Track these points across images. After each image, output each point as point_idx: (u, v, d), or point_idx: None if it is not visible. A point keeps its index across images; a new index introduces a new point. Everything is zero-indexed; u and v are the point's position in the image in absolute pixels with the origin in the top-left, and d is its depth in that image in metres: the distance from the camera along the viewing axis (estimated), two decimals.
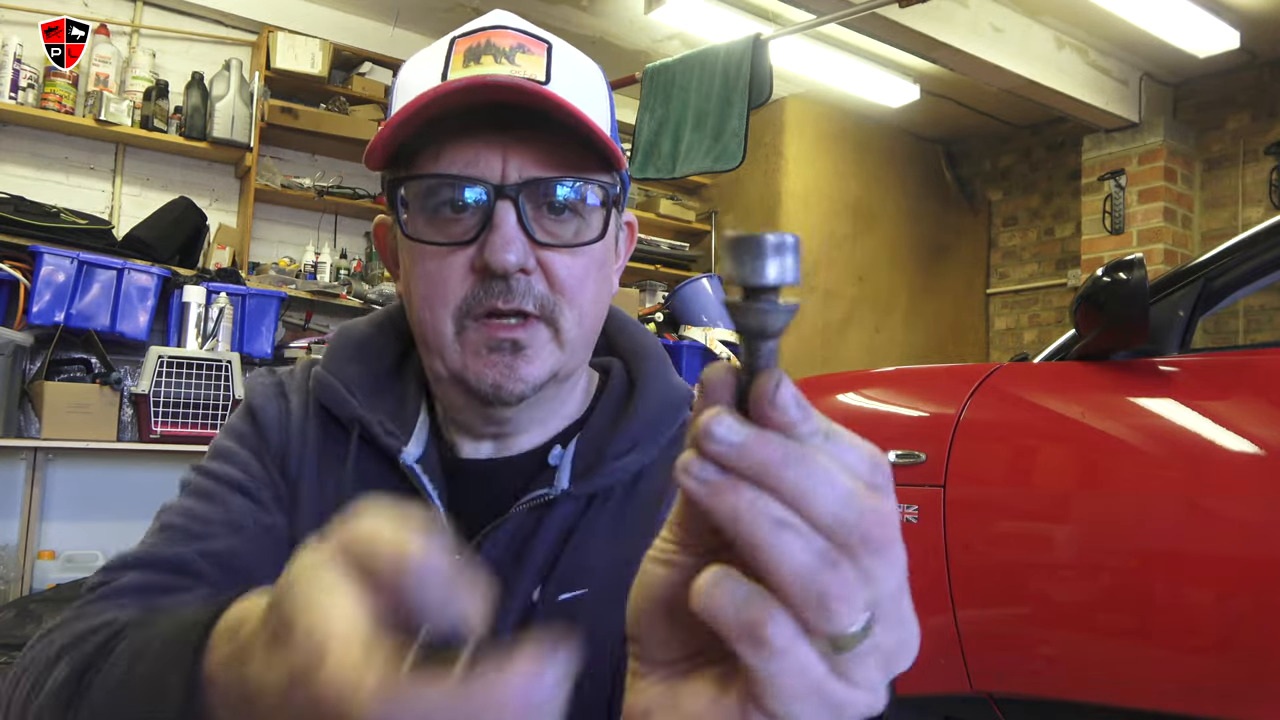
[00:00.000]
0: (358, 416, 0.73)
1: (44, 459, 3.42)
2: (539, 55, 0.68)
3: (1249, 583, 1.63)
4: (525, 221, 0.65)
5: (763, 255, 0.30)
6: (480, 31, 0.69)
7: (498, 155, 0.65)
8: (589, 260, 0.68)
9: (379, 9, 4.61)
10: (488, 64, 0.66)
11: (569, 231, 0.67)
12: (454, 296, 0.66)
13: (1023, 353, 2.82)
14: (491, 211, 0.65)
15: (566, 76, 0.68)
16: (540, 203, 0.66)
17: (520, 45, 0.68)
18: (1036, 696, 1.87)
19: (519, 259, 0.64)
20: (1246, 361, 1.87)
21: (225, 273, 3.87)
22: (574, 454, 0.72)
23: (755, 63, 3.55)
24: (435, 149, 0.66)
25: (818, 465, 0.31)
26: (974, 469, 2.00)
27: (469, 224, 0.66)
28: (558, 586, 0.68)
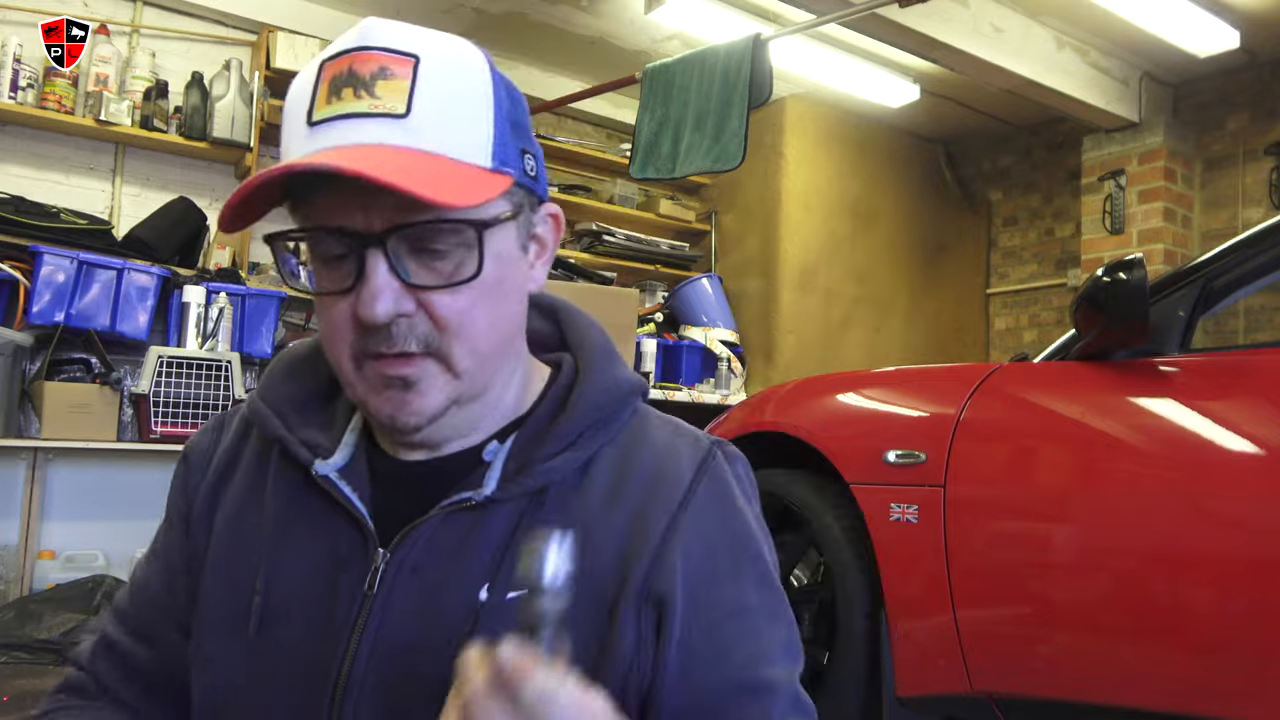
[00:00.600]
0: (276, 435, 0.76)
1: (44, 459, 3.42)
2: (402, 79, 0.64)
3: (1249, 583, 1.63)
4: (398, 267, 0.64)
5: (540, 562, 0.41)
6: (345, 55, 0.66)
7: (360, 205, 0.63)
8: (474, 292, 0.66)
9: (379, 9, 4.61)
10: (348, 99, 0.64)
11: (449, 266, 0.65)
12: (344, 341, 0.67)
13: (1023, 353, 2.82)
14: (363, 261, 0.64)
15: (431, 98, 0.64)
16: (413, 245, 0.65)
17: (383, 69, 0.64)
18: (1036, 696, 1.87)
19: (389, 310, 0.64)
20: (1246, 361, 1.87)
21: (225, 273, 3.87)
22: (508, 454, 0.72)
23: (755, 63, 3.55)
24: (308, 199, 0.66)
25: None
26: (974, 469, 2.00)
27: (346, 272, 0.65)
28: (505, 586, 0.67)
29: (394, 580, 0.69)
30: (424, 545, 0.70)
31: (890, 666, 2.07)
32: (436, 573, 0.69)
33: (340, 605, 0.69)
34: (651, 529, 0.69)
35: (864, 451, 2.20)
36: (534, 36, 4.76)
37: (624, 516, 0.70)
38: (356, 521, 0.71)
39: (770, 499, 2.45)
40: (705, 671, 0.68)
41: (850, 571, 2.19)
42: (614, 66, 4.93)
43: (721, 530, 0.72)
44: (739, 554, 0.72)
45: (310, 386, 0.80)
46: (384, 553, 0.70)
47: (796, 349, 5.19)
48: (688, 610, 0.68)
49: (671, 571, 0.68)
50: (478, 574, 0.68)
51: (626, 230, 5.35)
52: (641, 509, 0.70)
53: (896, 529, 2.08)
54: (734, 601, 0.70)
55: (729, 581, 0.70)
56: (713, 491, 0.73)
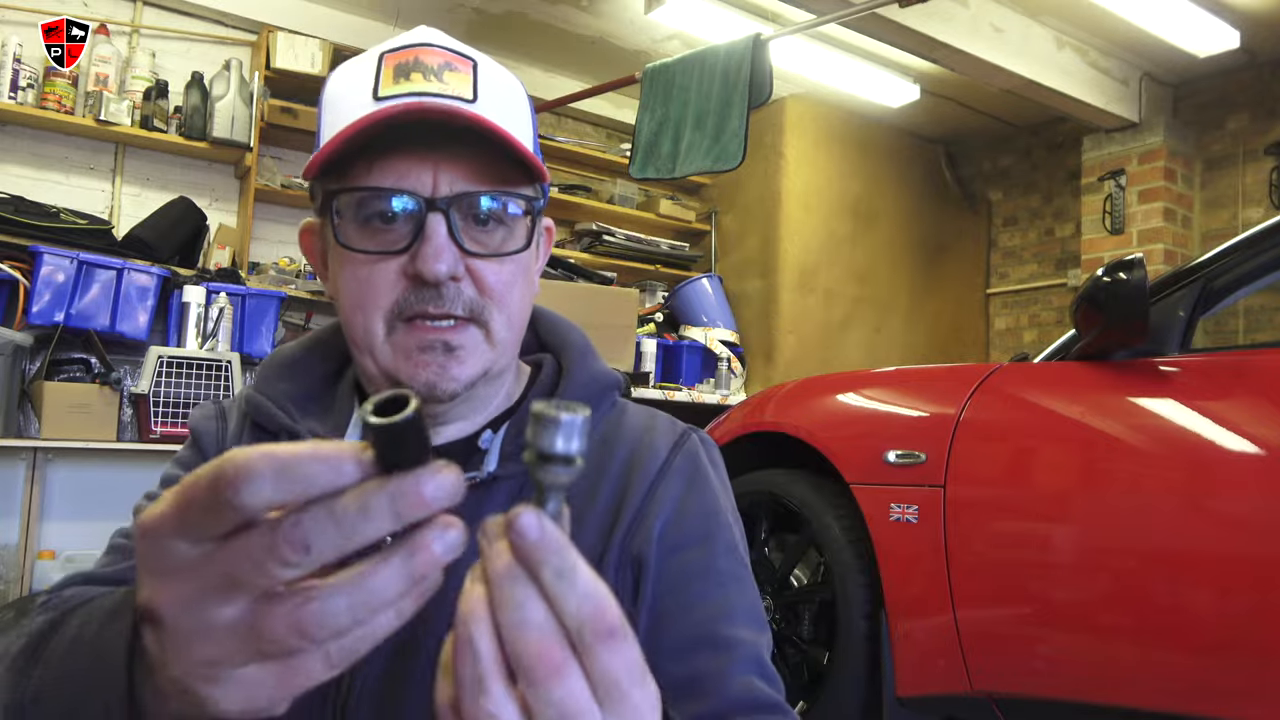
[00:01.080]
0: (285, 426, 0.78)
1: (44, 459, 3.42)
2: (465, 73, 0.72)
3: (1249, 583, 1.63)
4: (455, 232, 0.68)
5: (554, 431, 0.37)
6: (408, 49, 0.72)
7: (429, 170, 0.68)
8: (515, 267, 0.72)
9: (379, 9, 4.61)
10: (417, 81, 0.70)
11: (495, 240, 0.71)
12: (385, 301, 0.69)
13: (1023, 353, 2.82)
14: (423, 223, 0.68)
15: (492, 94, 0.72)
16: (469, 215, 0.70)
17: (448, 64, 0.71)
18: (1036, 696, 1.87)
19: (449, 268, 0.68)
20: (1246, 361, 1.87)
21: (225, 273, 3.87)
22: (504, 438, 0.76)
23: (755, 63, 3.55)
24: (366, 162, 0.68)
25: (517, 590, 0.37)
26: (974, 469, 2.00)
27: (401, 233, 0.69)
28: None
29: None
30: None
31: (890, 666, 2.07)
32: None
33: None
34: (632, 498, 0.75)
35: (864, 451, 2.20)
36: (534, 36, 4.76)
37: (608, 491, 0.76)
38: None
39: (770, 499, 2.45)
40: (670, 625, 0.71)
41: (850, 571, 2.19)
42: (614, 66, 4.93)
43: (692, 499, 0.77)
44: (708, 522, 0.77)
45: (305, 384, 0.82)
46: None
47: (796, 349, 5.18)
48: (658, 570, 0.72)
49: (647, 535, 0.73)
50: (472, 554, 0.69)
51: (626, 230, 5.35)
52: (624, 482, 0.76)
53: (896, 529, 2.08)
54: (700, 563, 0.74)
55: (697, 546, 0.75)
56: (686, 465, 0.79)
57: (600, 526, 0.74)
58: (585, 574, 0.37)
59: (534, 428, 0.38)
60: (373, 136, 0.67)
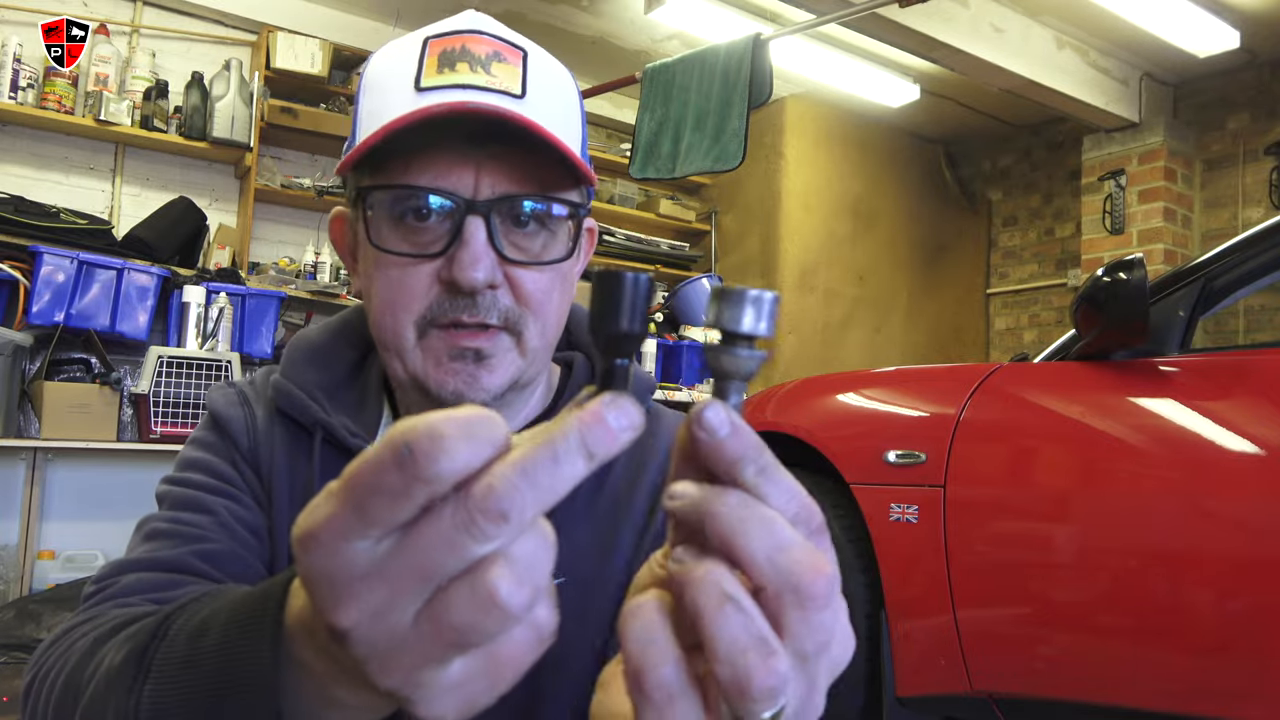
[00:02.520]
0: (320, 420, 0.74)
1: (44, 459, 3.42)
2: (515, 65, 0.67)
3: (1249, 583, 1.63)
4: (495, 237, 0.65)
5: (742, 306, 0.33)
6: (455, 35, 0.68)
7: (470, 170, 0.64)
8: (555, 275, 0.68)
9: (379, 9, 4.61)
10: (463, 72, 0.65)
11: (536, 246, 0.67)
12: (417, 305, 0.66)
13: (1023, 353, 2.82)
14: (461, 226, 0.64)
15: (541, 89, 0.68)
16: (509, 219, 0.66)
17: (496, 53, 0.67)
18: (1036, 696, 1.87)
19: (487, 276, 0.64)
20: (1246, 361, 1.87)
21: (225, 273, 3.87)
22: None
23: (755, 63, 3.55)
24: (404, 158, 0.65)
25: (751, 504, 0.32)
26: (974, 469, 2.00)
27: (437, 235, 0.65)
28: None
29: None
30: None
31: (890, 666, 2.07)
32: None
33: None
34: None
35: (864, 451, 2.20)
36: (534, 36, 4.68)
37: (642, 500, 0.74)
38: None
39: None
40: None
41: (850, 571, 2.19)
42: (614, 66, 4.93)
43: None
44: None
45: (335, 373, 0.78)
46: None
47: (796, 349, 5.18)
48: None
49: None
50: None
51: (626, 230, 5.35)
52: (658, 493, 0.73)
53: (896, 529, 2.08)
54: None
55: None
56: None
57: (635, 533, 0.72)
58: (781, 467, 0.33)
59: (717, 305, 0.34)
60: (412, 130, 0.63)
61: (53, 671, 0.56)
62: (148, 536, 0.70)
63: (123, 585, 0.65)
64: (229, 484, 0.73)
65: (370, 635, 0.31)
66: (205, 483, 0.73)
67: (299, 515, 0.32)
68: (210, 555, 0.68)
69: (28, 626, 2.94)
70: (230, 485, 0.73)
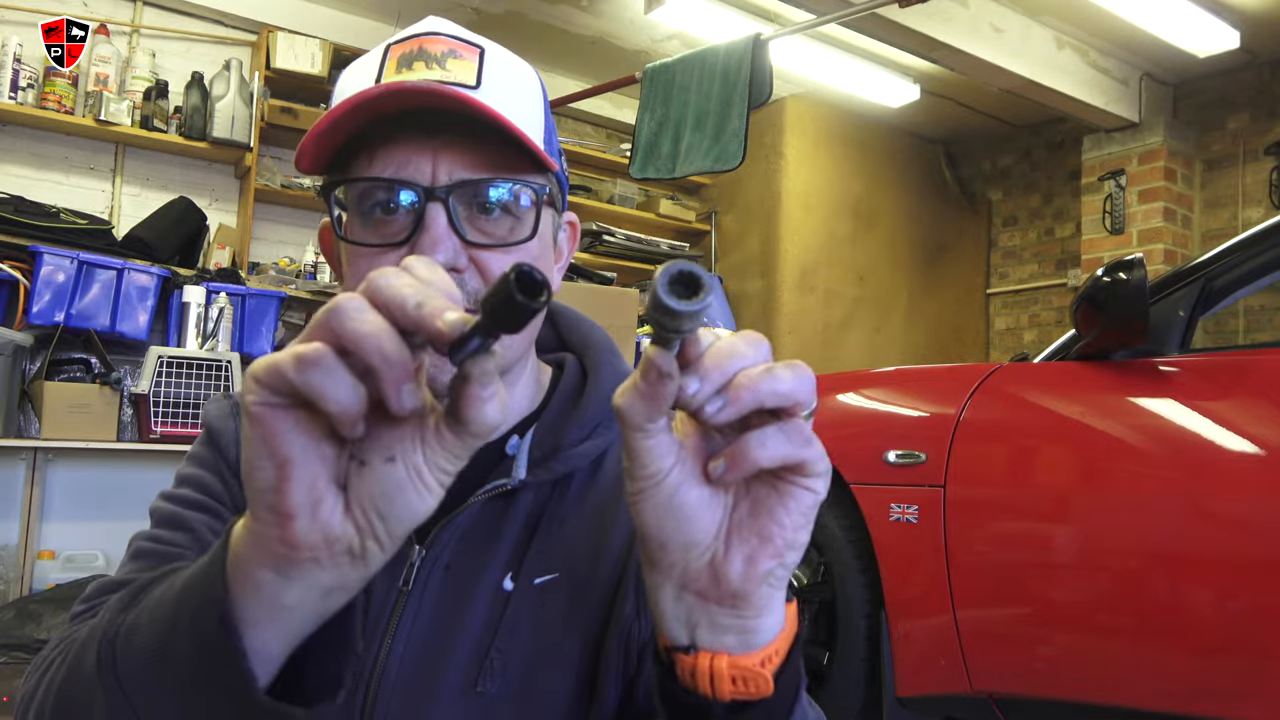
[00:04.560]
0: None
1: (44, 459, 3.42)
2: (470, 60, 0.70)
3: (1248, 583, 1.63)
4: (456, 222, 0.67)
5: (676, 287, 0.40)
6: (414, 38, 0.71)
7: (428, 158, 0.67)
8: (524, 258, 0.69)
9: (379, 9, 4.61)
10: (419, 70, 0.68)
11: (502, 230, 0.69)
12: None
13: (1023, 353, 2.83)
14: (423, 213, 0.66)
15: (497, 82, 0.70)
16: (471, 204, 0.68)
17: (452, 51, 0.70)
18: (1036, 696, 1.87)
19: (448, 258, 0.66)
20: (1246, 361, 1.87)
21: (225, 273, 3.87)
22: (530, 443, 0.74)
23: (755, 63, 3.55)
24: (368, 153, 0.67)
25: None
26: (974, 469, 2.00)
27: (402, 225, 0.67)
28: (531, 572, 0.69)
29: (428, 576, 0.70)
30: (457, 538, 0.71)
31: (890, 666, 2.07)
32: (465, 565, 0.70)
33: (375, 602, 0.70)
34: None
35: (864, 451, 2.20)
36: (534, 36, 4.76)
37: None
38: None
39: None
40: None
41: (850, 571, 2.19)
42: (614, 66, 4.93)
43: None
44: None
45: None
46: (419, 549, 0.70)
47: (796, 349, 5.18)
48: None
49: None
50: (502, 564, 0.70)
51: (626, 230, 5.35)
52: None
53: (896, 529, 2.08)
54: None
55: None
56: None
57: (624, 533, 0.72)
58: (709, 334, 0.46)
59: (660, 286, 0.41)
60: (369, 126, 0.66)
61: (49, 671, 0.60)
62: (133, 555, 0.74)
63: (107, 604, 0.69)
64: (214, 499, 0.76)
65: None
66: (189, 498, 0.76)
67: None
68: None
69: (28, 626, 2.94)
70: (214, 500, 0.76)
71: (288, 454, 0.41)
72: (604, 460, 0.75)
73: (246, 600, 0.45)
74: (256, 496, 0.42)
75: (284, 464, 0.41)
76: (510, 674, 0.66)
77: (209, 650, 0.46)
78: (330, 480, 0.42)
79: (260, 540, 0.43)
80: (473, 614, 0.68)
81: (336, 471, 0.43)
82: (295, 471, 0.41)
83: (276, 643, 0.46)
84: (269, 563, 0.44)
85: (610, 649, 0.67)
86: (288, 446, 0.41)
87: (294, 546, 0.42)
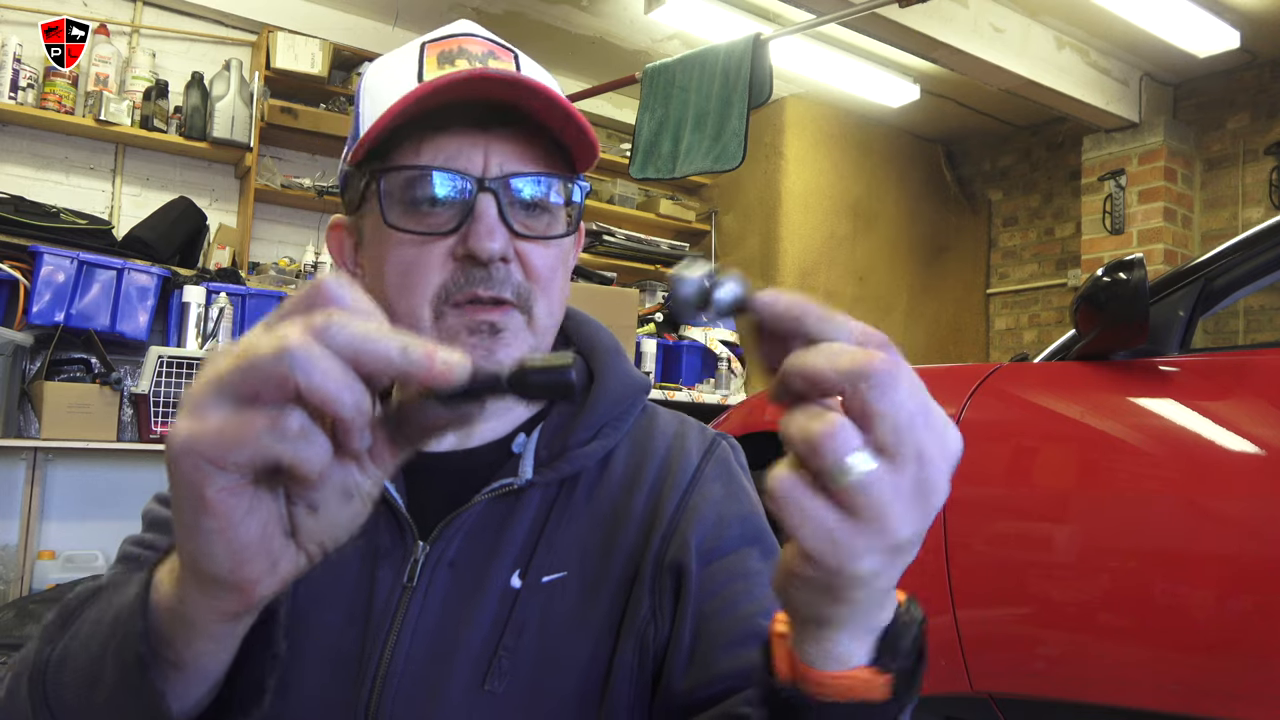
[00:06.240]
0: None
1: (44, 459, 3.42)
2: (508, 62, 0.72)
3: (1249, 583, 1.63)
4: (504, 213, 0.68)
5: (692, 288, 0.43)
6: (451, 38, 0.72)
7: (480, 150, 0.68)
8: (558, 253, 0.72)
9: (379, 9, 4.61)
10: (462, 66, 0.70)
11: (541, 225, 0.71)
12: (433, 283, 0.68)
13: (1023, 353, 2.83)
14: (474, 203, 0.67)
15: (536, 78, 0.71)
16: (517, 197, 0.69)
17: (491, 52, 0.72)
18: (1036, 696, 1.87)
19: (502, 247, 0.67)
20: (1246, 361, 1.87)
21: (225, 273, 3.87)
22: (537, 442, 0.74)
23: (755, 63, 3.55)
24: (414, 144, 0.68)
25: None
26: (974, 469, 2.00)
27: (450, 214, 0.68)
28: (539, 570, 0.69)
29: (433, 572, 0.70)
30: (462, 536, 0.71)
31: None
32: (472, 563, 0.70)
33: (379, 597, 0.70)
34: (665, 508, 0.73)
35: None
36: (534, 36, 4.76)
37: (642, 499, 0.74)
38: (394, 513, 0.72)
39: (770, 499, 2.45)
40: (716, 624, 0.70)
41: None
42: (614, 66, 4.93)
43: (730, 506, 0.76)
44: (745, 527, 0.75)
45: None
46: (423, 545, 0.71)
47: None
48: (700, 577, 0.71)
49: (685, 543, 0.71)
50: (509, 562, 0.70)
51: (626, 230, 5.35)
52: (658, 492, 0.75)
53: None
54: (741, 566, 0.73)
55: (735, 551, 0.73)
56: (718, 472, 0.77)
57: (638, 532, 0.73)
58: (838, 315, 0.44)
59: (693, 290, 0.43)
60: (419, 117, 0.67)
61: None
62: (120, 558, 0.75)
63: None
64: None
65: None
66: (157, 543, 0.76)
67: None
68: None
69: (28, 626, 2.94)
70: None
71: (246, 540, 0.38)
72: (611, 460, 0.76)
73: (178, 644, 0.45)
74: (207, 577, 0.40)
75: (242, 549, 0.39)
76: (519, 672, 0.66)
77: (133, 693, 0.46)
78: (283, 534, 0.40)
79: (209, 605, 0.42)
80: (481, 611, 0.69)
81: (285, 524, 0.40)
82: (254, 552, 0.39)
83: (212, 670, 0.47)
84: (217, 619, 0.43)
85: (623, 648, 0.67)
86: (246, 532, 0.38)
87: (252, 604, 0.42)
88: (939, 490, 0.40)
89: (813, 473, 0.39)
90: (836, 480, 0.38)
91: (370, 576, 0.71)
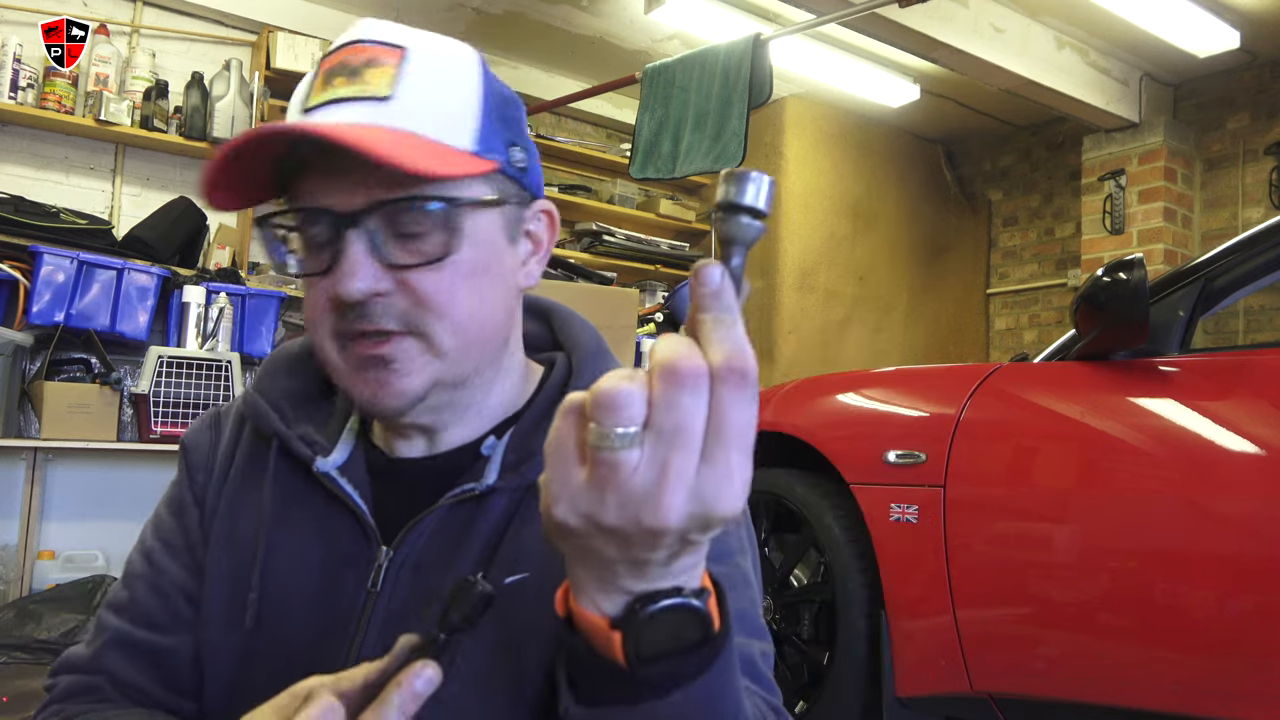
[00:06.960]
0: (276, 431, 0.76)
1: (44, 459, 3.42)
2: (389, 66, 0.67)
3: (1249, 583, 1.63)
4: (377, 246, 0.65)
5: (744, 183, 0.41)
6: (338, 50, 0.69)
7: (347, 182, 0.65)
8: (455, 272, 0.67)
9: (379, 9, 4.61)
10: (338, 85, 0.66)
11: (430, 247, 0.66)
12: (327, 323, 0.68)
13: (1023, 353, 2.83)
14: (341, 241, 0.65)
15: (417, 85, 0.67)
16: (392, 223, 0.65)
17: (371, 59, 0.67)
18: (1036, 696, 1.87)
19: (366, 287, 0.64)
20: (1246, 361, 1.87)
21: (225, 273, 3.87)
22: (506, 446, 0.73)
23: (755, 63, 3.55)
24: (301, 179, 0.67)
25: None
26: (974, 469, 2.00)
27: (328, 254, 0.66)
28: (500, 571, 0.69)
29: (397, 576, 0.70)
30: (425, 540, 0.71)
31: (890, 666, 2.07)
32: (435, 566, 0.70)
33: (343, 602, 0.70)
34: None
35: (864, 451, 2.20)
36: (534, 36, 4.76)
37: None
38: (358, 519, 0.72)
39: (770, 499, 2.45)
40: None
41: (850, 571, 2.19)
42: (614, 66, 4.93)
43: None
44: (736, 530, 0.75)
45: (307, 382, 0.81)
46: (387, 550, 0.71)
47: (796, 349, 5.18)
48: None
49: None
50: (470, 565, 0.70)
51: (626, 230, 5.35)
52: None
53: (896, 529, 2.08)
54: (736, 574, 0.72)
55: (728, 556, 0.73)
56: None
57: None
58: (740, 331, 0.42)
59: (725, 184, 0.42)
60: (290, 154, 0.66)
61: None
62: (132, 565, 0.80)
63: (61, 689, 0.76)
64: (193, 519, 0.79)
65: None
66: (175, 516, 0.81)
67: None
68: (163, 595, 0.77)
69: (28, 626, 2.94)
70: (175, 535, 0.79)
71: None
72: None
73: None
74: None
75: None
76: (476, 673, 0.66)
77: None
78: None
79: None
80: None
81: None
82: None
83: None
84: None
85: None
86: None
87: None
88: (664, 512, 0.41)
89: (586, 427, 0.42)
90: (596, 442, 0.41)
91: (334, 581, 0.71)
